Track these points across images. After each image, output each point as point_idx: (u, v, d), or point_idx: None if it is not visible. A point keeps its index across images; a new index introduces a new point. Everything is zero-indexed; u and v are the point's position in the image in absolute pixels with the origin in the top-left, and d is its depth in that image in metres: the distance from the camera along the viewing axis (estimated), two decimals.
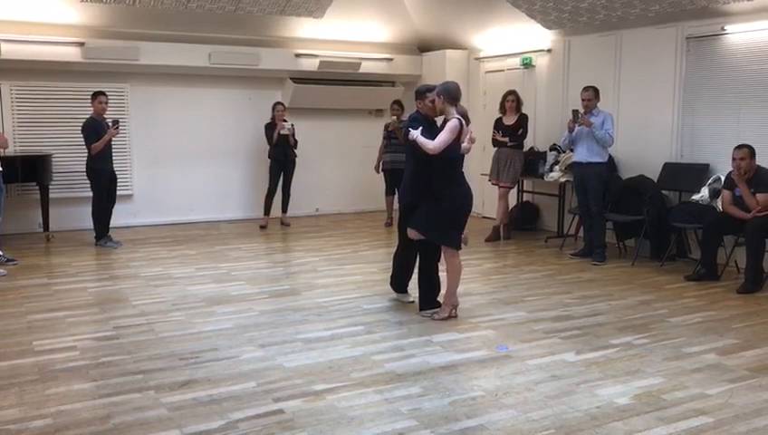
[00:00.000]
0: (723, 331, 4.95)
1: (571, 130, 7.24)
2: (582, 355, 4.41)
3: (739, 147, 6.17)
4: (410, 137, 4.97)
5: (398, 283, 5.65)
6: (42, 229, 8.38)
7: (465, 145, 5.07)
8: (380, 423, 3.41)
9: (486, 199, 9.91)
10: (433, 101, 5.14)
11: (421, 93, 5.28)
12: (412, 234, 5.17)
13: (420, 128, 5.01)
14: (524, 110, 8.53)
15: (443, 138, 4.90)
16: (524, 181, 9.15)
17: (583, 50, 8.52)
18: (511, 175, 8.43)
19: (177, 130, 9.51)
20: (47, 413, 3.49)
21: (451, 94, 5.06)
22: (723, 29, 6.94)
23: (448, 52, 10.23)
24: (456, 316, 5.19)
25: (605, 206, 7.37)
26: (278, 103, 9.32)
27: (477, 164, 9.85)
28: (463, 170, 5.21)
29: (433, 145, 4.89)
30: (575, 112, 7.19)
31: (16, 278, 6.40)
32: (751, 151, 6.11)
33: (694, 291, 6.10)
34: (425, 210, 5.09)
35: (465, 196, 5.14)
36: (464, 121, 5.01)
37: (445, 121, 5.07)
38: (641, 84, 7.80)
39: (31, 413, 3.49)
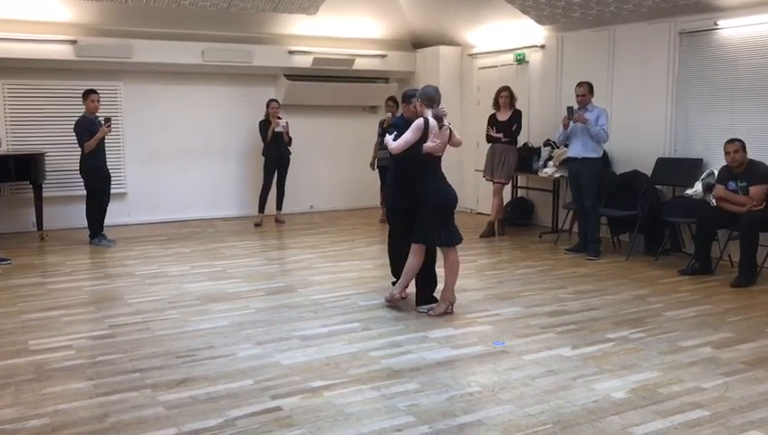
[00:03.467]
0: (717, 324, 4.98)
1: (566, 126, 7.26)
2: (578, 350, 4.43)
3: (731, 141, 6.21)
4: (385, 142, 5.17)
5: (398, 271, 5.66)
6: (35, 228, 8.34)
7: (427, 144, 5.04)
8: (378, 419, 3.41)
9: (481, 195, 9.92)
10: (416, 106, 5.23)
11: (408, 98, 5.40)
12: (417, 248, 5.17)
13: (395, 133, 5.13)
14: (518, 105, 8.52)
15: (406, 137, 5.02)
16: (519, 177, 9.16)
17: (576, 45, 8.53)
18: (505, 171, 8.44)
19: (170, 128, 9.48)
20: (44, 413, 3.48)
21: (427, 96, 5.13)
22: (715, 24, 6.96)
23: (442, 48, 10.24)
24: (451, 312, 5.20)
25: (599, 201, 7.39)
26: (272, 100, 9.30)
27: (471, 160, 9.88)
28: (442, 171, 5.23)
29: (395, 145, 5.05)
30: (569, 109, 7.20)
31: (10, 278, 6.37)
32: (742, 145, 6.15)
33: (688, 285, 6.13)
34: (417, 220, 5.14)
35: (443, 191, 5.17)
36: (432, 122, 5.03)
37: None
38: (634, 80, 7.81)
39: (27, 413, 3.48)
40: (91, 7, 8.45)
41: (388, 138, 5.15)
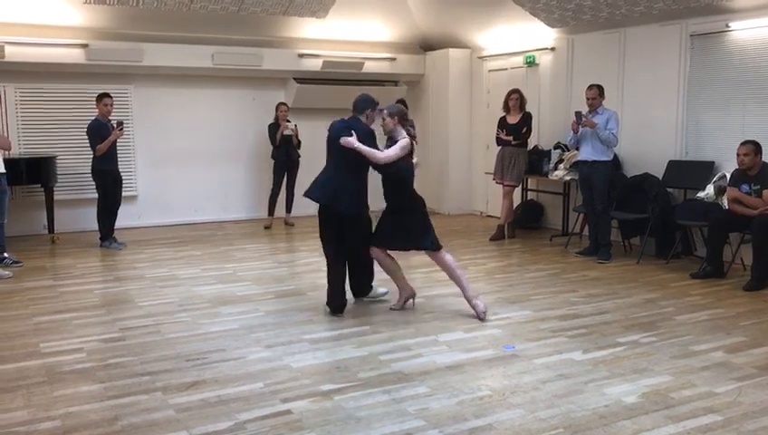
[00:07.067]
0: (730, 328, 4.94)
1: (575, 131, 7.23)
2: (589, 354, 4.40)
3: (743, 143, 6.18)
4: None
5: (360, 286, 5.65)
6: (47, 231, 8.39)
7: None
8: (388, 423, 3.41)
9: (491, 198, 9.89)
10: (384, 119, 5.28)
11: (362, 108, 5.40)
12: (376, 252, 5.34)
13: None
14: (528, 108, 8.51)
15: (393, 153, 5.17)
16: (529, 180, 9.14)
17: (587, 48, 8.50)
18: (515, 173, 8.42)
19: (180, 131, 9.51)
20: (55, 415, 3.49)
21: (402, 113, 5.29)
22: (727, 26, 6.92)
23: (451, 51, 10.23)
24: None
25: (610, 204, 7.36)
26: (281, 104, 9.32)
27: (481, 163, 9.86)
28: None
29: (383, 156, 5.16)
30: (578, 114, 7.16)
31: (22, 280, 6.41)
32: (756, 147, 6.11)
33: (700, 289, 6.09)
34: (390, 225, 5.26)
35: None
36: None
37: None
38: (645, 82, 7.78)
39: (39, 415, 3.49)
40: (102, 11, 8.49)
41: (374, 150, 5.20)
